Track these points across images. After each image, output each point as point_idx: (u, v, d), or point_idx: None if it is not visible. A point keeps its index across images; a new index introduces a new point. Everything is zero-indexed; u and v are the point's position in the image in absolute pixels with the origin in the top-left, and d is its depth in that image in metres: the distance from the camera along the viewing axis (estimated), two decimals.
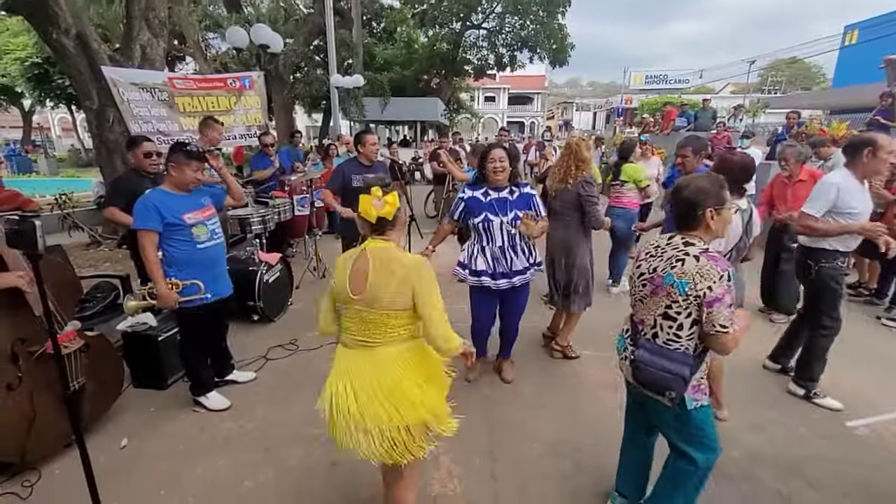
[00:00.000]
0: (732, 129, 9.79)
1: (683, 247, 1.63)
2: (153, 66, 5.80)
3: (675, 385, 1.60)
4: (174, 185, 2.61)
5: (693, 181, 1.69)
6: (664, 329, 1.65)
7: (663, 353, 1.64)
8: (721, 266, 1.54)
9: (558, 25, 19.64)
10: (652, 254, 1.74)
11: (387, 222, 1.62)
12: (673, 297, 1.60)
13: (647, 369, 1.66)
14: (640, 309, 1.77)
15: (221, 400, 2.86)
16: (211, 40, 17.20)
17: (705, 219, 1.62)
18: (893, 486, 2.24)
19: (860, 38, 18.36)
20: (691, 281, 1.55)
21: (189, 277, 2.60)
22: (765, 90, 37.45)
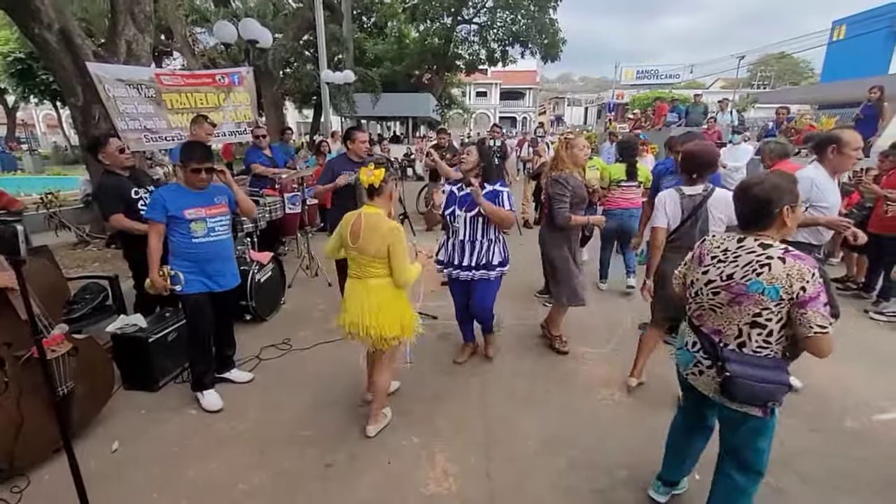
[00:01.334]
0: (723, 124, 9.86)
1: (762, 249, 1.54)
2: (139, 61, 5.69)
3: (780, 394, 1.52)
4: (186, 183, 2.72)
5: (765, 179, 1.61)
6: (752, 338, 1.56)
7: (760, 363, 1.55)
8: (810, 264, 1.47)
9: (549, 20, 19.61)
10: (720, 258, 1.64)
11: (374, 189, 2.35)
12: (764, 304, 1.51)
13: (746, 383, 1.52)
14: (712, 318, 1.66)
15: (216, 401, 2.83)
16: (198, 35, 16.97)
17: (782, 216, 1.56)
18: (883, 479, 2.27)
19: (848, 34, 18.56)
20: (784, 285, 1.46)
21: (181, 267, 2.69)
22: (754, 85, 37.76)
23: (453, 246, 3.07)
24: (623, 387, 3.05)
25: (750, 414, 1.58)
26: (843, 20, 19.03)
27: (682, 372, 1.81)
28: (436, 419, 2.73)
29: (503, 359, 3.45)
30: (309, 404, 2.89)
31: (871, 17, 17.43)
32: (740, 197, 1.64)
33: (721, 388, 1.58)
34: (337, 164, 3.90)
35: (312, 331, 3.87)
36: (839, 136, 2.67)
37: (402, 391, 2.98)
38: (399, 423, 2.68)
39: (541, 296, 4.66)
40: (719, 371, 1.57)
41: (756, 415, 1.58)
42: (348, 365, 3.30)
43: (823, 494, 2.18)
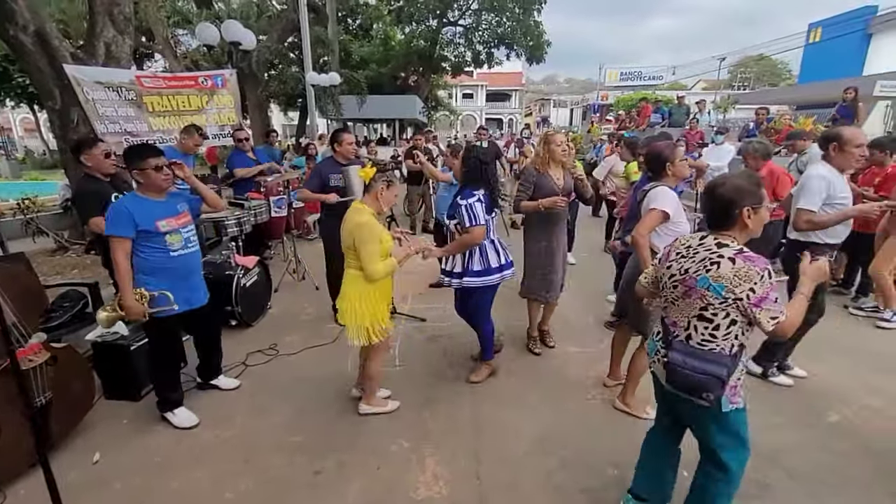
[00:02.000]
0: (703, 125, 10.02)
1: (717, 248, 1.59)
2: (119, 64, 5.57)
3: (712, 386, 1.56)
4: (146, 191, 2.48)
5: (729, 179, 1.65)
6: (698, 330, 1.62)
7: (697, 353, 1.61)
8: (759, 265, 1.51)
9: (534, 22, 19.74)
10: (683, 254, 1.70)
11: (364, 186, 2.51)
12: (708, 299, 1.57)
13: (681, 371, 1.61)
14: (672, 311, 1.73)
15: (189, 417, 2.72)
16: (181, 37, 16.72)
17: (742, 218, 1.59)
18: (866, 473, 2.32)
19: (824, 36, 19.05)
20: (728, 284, 1.51)
21: (161, 286, 2.47)
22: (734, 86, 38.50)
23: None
24: (613, 387, 3.07)
25: (697, 403, 1.62)
26: (819, 23, 19.54)
27: (649, 362, 1.87)
28: (426, 422, 2.72)
29: (495, 360, 3.44)
30: (296, 410, 2.85)
31: (846, 20, 17.92)
32: (706, 197, 1.68)
33: (667, 375, 1.67)
34: (325, 167, 3.87)
35: (300, 335, 3.82)
36: (840, 133, 2.69)
37: (392, 395, 2.95)
38: (388, 427, 2.66)
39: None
40: (662, 357, 1.70)
41: (702, 404, 1.61)
42: (336, 370, 3.26)
43: (810, 489, 2.22)
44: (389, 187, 2.48)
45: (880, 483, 2.25)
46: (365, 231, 2.35)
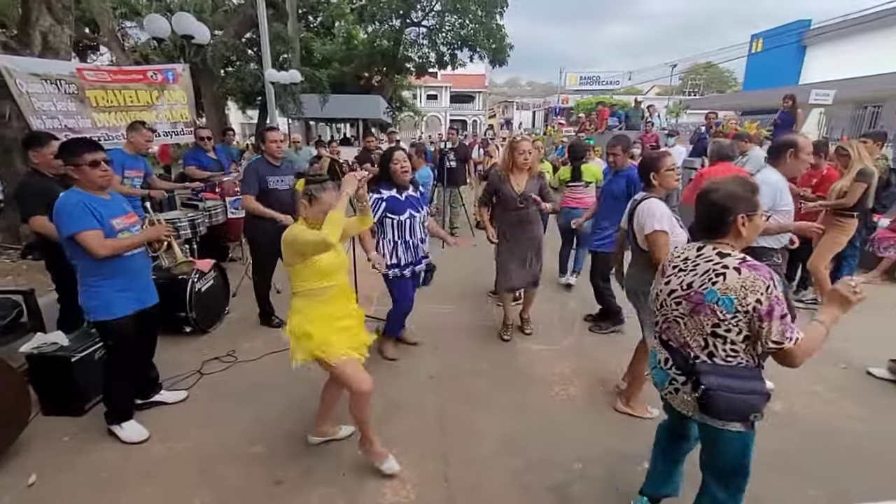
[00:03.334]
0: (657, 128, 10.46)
1: (719, 259, 1.49)
2: (57, 55, 5.19)
3: (759, 403, 1.45)
4: (84, 188, 2.30)
5: (722, 185, 1.55)
6: (719, 348, 1.48)
7: (733, 373, 1.46)
8: (764, 275, 1.41)
9: (496, 25, 19.97)
10: (681, 267, 1.58)
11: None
12: (719, 315, 1.44)
13: (722, 395, 1.42)
14: (678, 330, 1.58)
15: (138, 430, 2.55)
16: (129, 29, 15.82)
17: (736, 225, 1.51)
18: (808, 456, 2.47)
19: (765, 46, 20.32)
20: (738, 296, 1.40)
21: (113, 287, 2.35)
22: (686, 92, 40.46)
23: (412, 245, 3.20)
24: (576, 382, 3.14)
25: (732, 430, 1.52)
26: (760, 34, 20.83)
27: (660, 392, 1.73)
28: (392, 425, 2.67)
29: (460, 360, 3.45)
30: (256, 419, 2.73)
31: (784, 32, 19.21)
32: (699, 203, 1.60)
33: (700, 405, 1.49)
34: (261, 168, 3.66)
35: (260, 341, 3.68)
36: (796, 140, 2.78)
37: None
38: (354, 431, 2.60)
39: (493, 296, 4.71)
40: (695, 386, 1.48)
41: (738, 430, 1.51)
42: (299, 375, 3.14)
43: (760, 475, 2.31)
44: (311, 202, 2.09)
45: (821, 464, 2.40)
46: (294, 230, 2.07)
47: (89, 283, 2.32)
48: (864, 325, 3.84)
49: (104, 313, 2.35)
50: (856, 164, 3.84)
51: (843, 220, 4.05)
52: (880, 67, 13.65)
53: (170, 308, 3.53)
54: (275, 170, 3.69)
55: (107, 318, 2.36)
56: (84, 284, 2.33)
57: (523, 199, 3.43)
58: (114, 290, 2.35)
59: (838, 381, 3.19)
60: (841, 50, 17.54)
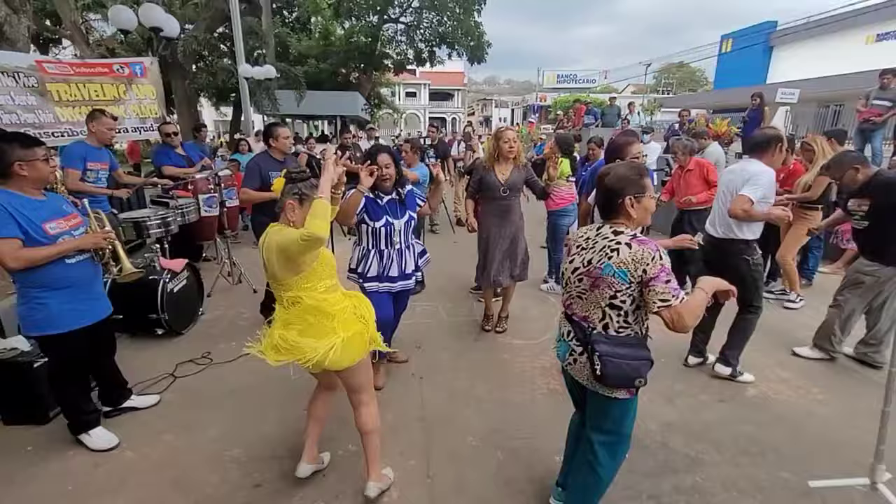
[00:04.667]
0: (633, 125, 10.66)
1: (614, 236, 1.62)
2: (14, 46, 4.95)
3: (644, 369, 1.59)
4: (25, 187, 2.11)
5: (614, 169, 1.68)
6: (614, 319, 1.62)
7: (623, 342, 1.61)
8: (651, 247, 1.55)
9: (474, 23, 19.99)
10: (583, 246, 1.70)
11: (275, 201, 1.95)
12: (615, 286, 1.58)
13: (612, 361, 1.57)
14: (580, 305, 1.71)
15: (107, 437, 2.44)
16: (93, 22, 15.20)
17: (625, 206, 1.62)
18: (779, 440, 2.55)
19: (734, 46, 20.95)
20: (630, 269, 1.55)
21: (56, 300, 2.17)
22: (659, 90, 41.36)
23: (389, 257, 2.80)
24: (557, 376, 3.16)
25: (618, 398, 1.66)
26: (729, 34, 21.46)
27: (562, 364, 1.84)
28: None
29: (441, 357, 3.43)
30: (233, 422, 2.66)
31: (752, 33, 19.83)
32: (597, 186, 1.74)
33: (593, 372, 1.61)
34: (264, 163, 3.64)
35: (236, 342, 3.56)
36: (781, 135, 2.89)
37: (336, 398, 2.84)
38: (335, 431, 2.55)
39: (475, 292, 4.71)
40: (591, 354, 1.61)
41: (622, 398, 1.66)
42: (277, 375, 3.08)
43: (734, 459, 2.40)
44: (302, 203, 1.86)
45: (790, 446, 2.48)
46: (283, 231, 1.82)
47: (31, 295, 2.14)
48: None
49: (47, 327, 2.18)
50: (820, 160, 3.99)
51: (808, 213, 4.20)
52: (841, 68, 14.24)
53: (140, 310, 3.42)
54: (279, 165, 3.62)
55: (51, 332, 2.19)
56: (24, 296, 2.15)
57: (507, 188, 3.46)
58: (59, 304, 2.18)
59: (806, 368, 3.31)
60: (805, 50, 18.23)
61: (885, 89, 6.12)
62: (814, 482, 2.17)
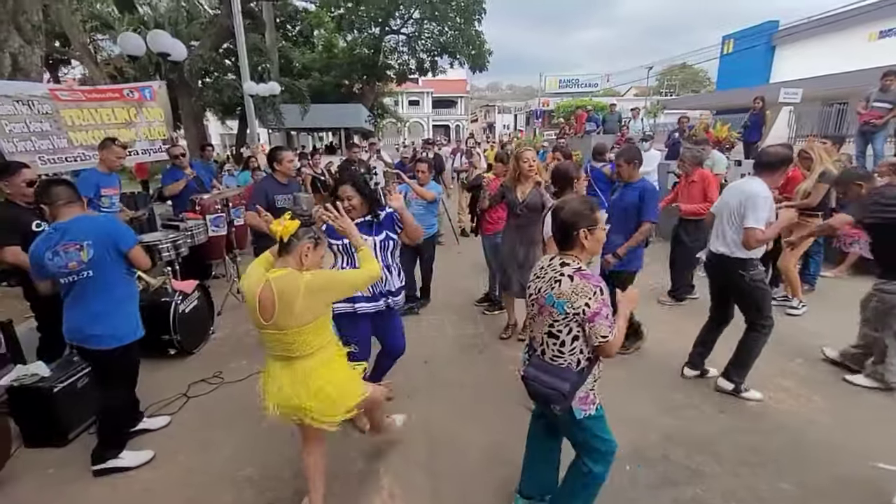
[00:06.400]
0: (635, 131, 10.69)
1: (560, 267, 1.73)
2: (28, 76, 5.12)
3: (556, 399, 1.70)
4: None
5: (568, 204, 1.78)
6: (550, 346, 1.76)
7: (547, 368, 1.75)
8: (593, 282, 1.65)
9: (475, 32, 20.19)
10: (538, 274, 1.83)
11: (283, 244, 1.86)
12: (554, 316, 1.70)
13: (532, 384, 1.78)
14: (533, 327, 1.87)
15: (140, 454, 2.57)
16: (101, 42, 15.55)
17: (580, 238, 1.73)
18: (780, 449, 2.58)
19: (736, 48, 20.88)
20: (568, 300, 1.65)
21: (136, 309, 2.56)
22: (662, 93, 41.29)
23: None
24: None
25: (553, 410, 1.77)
26: (731, 35, 21.38)
27: (518, 370, 1.98)
28: (380, 440, 2.70)
29: (446, 371, 3.50)
30: (246, 440, 2.74)
31: (754, 34, 19.76)
32: (552, 220, 1.82)
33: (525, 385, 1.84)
34: (269, 187, 3.74)
35: (247, 360, 3.68)
36: (792, 156, 2.93)
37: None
38: (343, 449, 2.62)
39: (479, 304, 4.77)
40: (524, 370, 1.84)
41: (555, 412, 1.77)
42: None
43: (734, 470, 2.43)
44: (317, 247, 1.90)
45: (792, 457, 2.51)
46: (318, 280, 1.82)
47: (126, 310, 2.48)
48: (834, 320, 4.02)
49: (133, 334, 2.48)
50: (817, 167, 4.02)
51: (808, 220, 4.22)
52: (845, 66, 14.17)
53: (153, 330, 3.51)
54: (283, 188, 3.74)
55: (134, 338, 2.49)
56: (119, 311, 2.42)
57: (524, 207, 3.61)
58: (136, 310, 2.54)
59: (808, 377, 3.32)
60: (808, 49, 18.13)
61: (885, 91, 6.11)
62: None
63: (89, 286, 2.31)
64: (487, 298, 4.73)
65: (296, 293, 1.75)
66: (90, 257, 2.27)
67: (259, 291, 1.77)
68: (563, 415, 1.76)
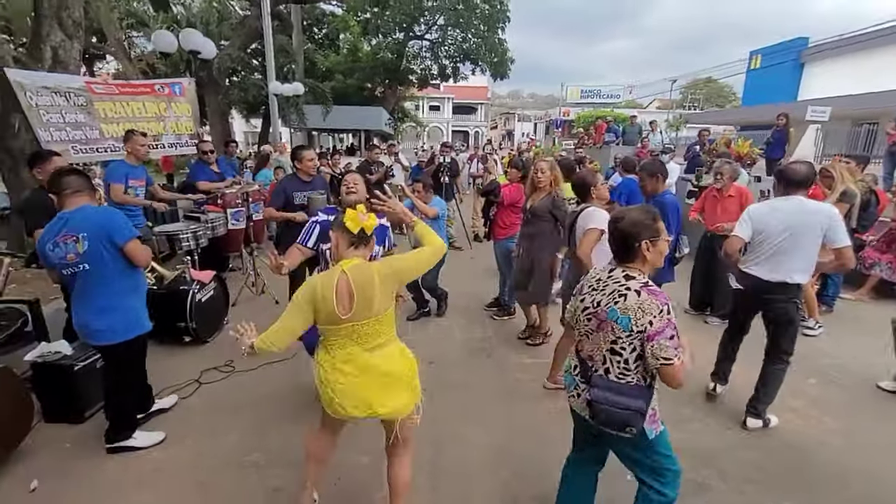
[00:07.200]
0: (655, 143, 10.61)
1: (625, 280, 1.62)
2: (67, 69, 5.35)
3: (634, 420, 1.58)
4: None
5: (628, 213, 1.67)
6: (614, 364, 1.63)
7: (619, 388, 1.61)
8: (661, 300, 1.54)
9: (498, 40, 20.32)
10: (594, 287, 1.71)
11: (365, 236, 1.82)
12: (616, 332, 1.59)
13: (604, 407, 1.59)
14: (586, 344, 1.73)
15: (152, 435, 2.65)
16: (135, 39, 16.10)
17: (641, 251, 1.62)
18: (788, 469, 2.54)
19: (763, 63, 20.59)
20: (633, 316, 1.54)
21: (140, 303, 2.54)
22: (685, 106, 40.84)
23: None
24: (564, 395, 3.19)
25: (623, 435, 1.63)
26: (758, 50, 21.11)
27: (567, 395, 1.86)
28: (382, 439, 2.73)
29: (451, 373, 3.52)
30: (254, 427, 2.81)
31: (782, 50, 19.47)
32: (610, 231, 1.72)
33: (590, 412, 1.66)
34: (289, 185, 3.86)
35: None
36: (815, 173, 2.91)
37: None
38: (350, 441, 2.65)
39: (489, 309, 4.79)
40: (583, 392, 1.68)
41: (626, 436, 1.62)
42: (296, 385, 3.24)
43: (738, 487, 2.40)
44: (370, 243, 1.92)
45: (798, 477, 2.47)
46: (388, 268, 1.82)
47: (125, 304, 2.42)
48: (854, 343, 3.93)
49: (137, 328, 2.48)
50: (839, 186, 3.95)
51: None
52: (877, 85, 13.84)
53: (170, 318, 3.63)
54: (304, 185, 3.84)
55: (138, 333, 2.49)
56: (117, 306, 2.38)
57: (530, 213, 3.68)
58: (141, 306, 2.53)
59: (820, 398, 3.26)
60: (838, 67, 17.77)
61: None
62: None
63: (89, 280, 2.29)
64: (497, 303, 4.74)
65: (371, 282, 1.73)
66: (84, 250, 2.23)
67: (336, 284, 1.71)
68: (633, 439, 1.62)
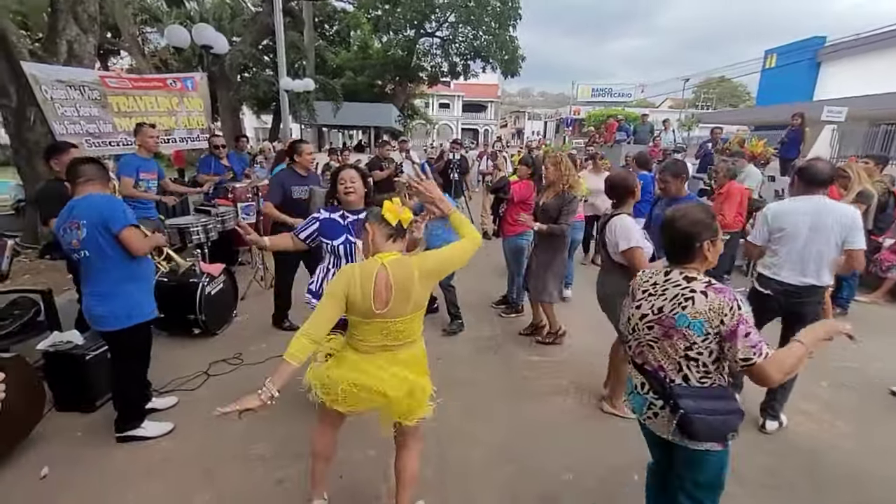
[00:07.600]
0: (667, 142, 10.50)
1: (686, 283, 1.53)
2: (81, 63, 5.42)
3: (735, 421, 1.48)
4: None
5: (686, 213, 1.60)
6: (692, 370, 1.52)
7: (708, 393, 1.50)
8: (728, 297, 1.46)
9: (509, 38, 20.21)
10: (650, 292, 1.62)
11: (402, 230, 1.77)
12: (691, 338, 1.49)
13: (700, 418, 1.45)
14: (651, 354, 1.61)
15: (160, 425, 2.68)
16: (149, 34, 16.27)
17: (703, 250, 1.55)
18: (798, 473, 2.50)
19: (778, 62, 20.25)
20: (707, 318, 1.45)
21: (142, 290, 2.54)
22: (698, 105, 40.36)
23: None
24: (572, 393, 3.19)
25: (711, 451, 1.54)
26: (773, 49, 20.75)
27: (640, 418, 1.72)
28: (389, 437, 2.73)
29: (458, 370, 3.51)
30: (259, 420, 2.79)
31: (797, 49, 19.12)
32: (665, 230, 1.63)
33: (679, 428, 1.49)
34: (287, 179, 3.83)
35: (266, 344, 3.78)
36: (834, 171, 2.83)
37: None
38: (356, 436, 2.66)
39: (497, 306, 4.77)
40: (673, 409, 1.49)
41: (716, 450, 1.54)
42: (300, 381, 3.24)
43: (752, 492, 2.36)
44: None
45: (811, 482, 2.43)
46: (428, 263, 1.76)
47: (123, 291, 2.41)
48: (868, 346, 3.84)
49: (137, 316, 2.46)
50: (855, 186, 3.87)
51: None
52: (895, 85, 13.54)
53: (180, 310, 3.66)
54: (302, 180, 3.85)
55: (138, 321, 2.46)
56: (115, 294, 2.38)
57: (540, 211, 3.70)
58: (142, 293, 2.51)
59: (833, 401, 3.20)
60: (856, 67, 17.42)
61: None
62: None
63: (90, 266, 2.34)
64: (505, 301, 4.72)
65: (411, 278, 1.68)
66: (83, 237, 2.27)
67: (375, 278, 1.66)
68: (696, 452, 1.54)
